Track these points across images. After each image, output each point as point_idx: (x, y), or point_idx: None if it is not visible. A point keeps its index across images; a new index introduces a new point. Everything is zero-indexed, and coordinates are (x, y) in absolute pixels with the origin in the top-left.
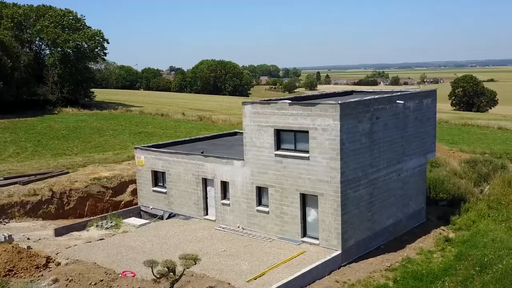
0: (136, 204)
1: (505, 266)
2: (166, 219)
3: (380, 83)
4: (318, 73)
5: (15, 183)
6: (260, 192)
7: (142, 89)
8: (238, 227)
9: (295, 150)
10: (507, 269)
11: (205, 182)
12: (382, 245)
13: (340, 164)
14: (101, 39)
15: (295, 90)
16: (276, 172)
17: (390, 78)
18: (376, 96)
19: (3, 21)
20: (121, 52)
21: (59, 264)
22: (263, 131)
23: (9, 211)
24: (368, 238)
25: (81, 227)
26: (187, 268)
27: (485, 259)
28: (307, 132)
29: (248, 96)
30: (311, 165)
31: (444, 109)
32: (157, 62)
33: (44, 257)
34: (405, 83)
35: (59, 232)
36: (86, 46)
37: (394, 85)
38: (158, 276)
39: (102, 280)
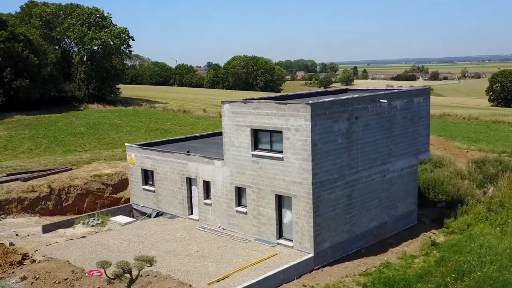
0: None
1: (484, 274)
2: (154, 217)
3: (419, 78)
4: (355, 67)
5: (17, 179)
6: (240, 192)
7: (176, 85)
8: (219, 227)
9: (271, 150)
10: (484, 277)
11: (190, 181)
12: (363, 249)
13: (311, 165)
14: (126, 37)
15: (331, 85)
16: (253, 173)
17: (430, 73)
18: (355, 96)
19: (32, 20)
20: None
21: (34, 261)
22: (241, 130)
23: (7, 207)
24: (346, 241)
25: (69, 224)
26: (140, 269)
27: (465, 266)
28: (281, 132)
29: (279, 92)
30: (285, 166)
31: (481, 105)
32: (196, 58)
33: (21, 254)
34: (445, 78)
35: (46, 229)
36: (112, 43)
37: (433, 80)
38: (112, 277)
39: (66, 279)
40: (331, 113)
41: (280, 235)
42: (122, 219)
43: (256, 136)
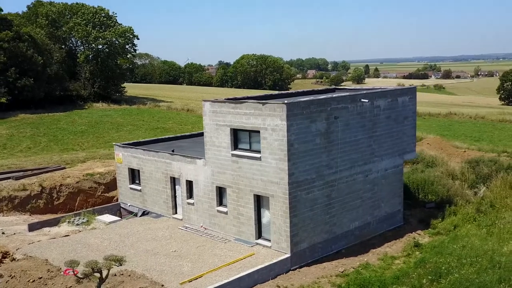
0: None
1: (461, 275)
2: (140, 216)
3: (431, 76)
4: (367, 66)
5: (9, 178)
6: (221, 192)
7: (185, 84)
8: (201, 226)
9: (249, 150)
10: (461, 280)
11: (174, 180)
12: (344, 249)
13: (287, 165)
14: (131, 36)
15: (342, 84)
16: (232, 172)
17: (442, 71)
18: (334, 95)
19: (39, 19)
20: (172, 47)
21: (13, 259)
22: (221, 130)
23: None
24: (326, 242)
25: (56, 222)
26: (109, 269)
27: (443, 267)
28: (259, 132)
29: (288, 91)
30: (263, 166)
31: (492, 103)
32: (208, 57)
33: (1, 252)
34: (457, 77)
35: (32, 227)
36: (117, 43)
37: (446, 79)
38: (81, 277)
39: (41, 278)
40: (308, 113)
41: (259, 235)
42: (107, 218)
43: (236, 135)
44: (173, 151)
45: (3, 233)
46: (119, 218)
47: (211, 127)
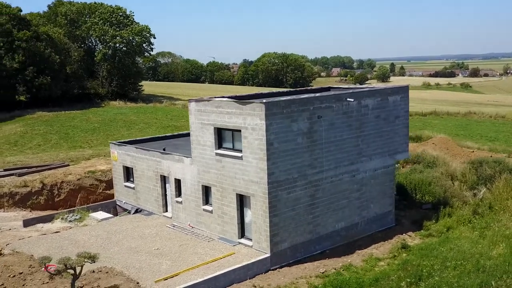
0: None
1: (442, 279)
2: (133, 213)
3: (458, 75)
4: (392, 64)
5: (12, 174)
6: (207, 191)
7: (207, 83)
8: (189, 225)
9: (232, 149)
10: (441, 283)
11: (164, 179)
12: (328, 250)
13: (267, 164)
14: (148, 34)
15: (367, 82)
16: (216, 171)
17: (470, 69)
18: (317, 95)
19: (58, 18)
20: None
21: (1, 254)
22: (205, 129)
23: None
24: (309, 242)
25: (50, 218)
26: (81, 266)
27: (424, 270)
28: (240, 131)
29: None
30: (244, 165)
31: None
32: (233, 55)
33: None
34: (485, 75)
35: (27, 223)
36: (134, 42)
37: (473, 77)
38: (53, 273)
39: (21, 273)
40: (289, 112)
41: (242, 234)
42: (100, 215)
43: (220, 134)
44: (164, 149)
45: None
46: (111, 216)
47: (197, 126)
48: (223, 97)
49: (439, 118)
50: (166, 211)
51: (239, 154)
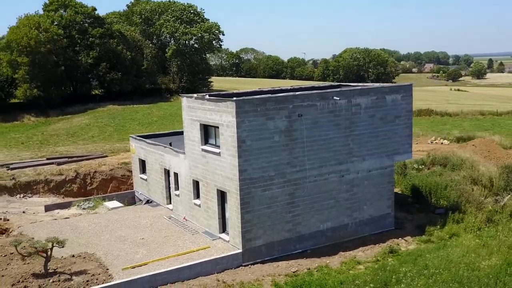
0: None
1: (408, 286)
2: (144, 204)
3: None
4: (490, 60)
5: (53, 163)
6: (197, 185)
7: (287, 79)
8: (184, 218)
9: (214, 145)
10: None
11: (168, 172)
12: (310, 250)
13: (238, 162)
14: (217, 31)
15: (460, 79)
16: (202, 167)
17: None
18: (297, 93)
19: (133, 17)
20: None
21: (8, 236)
22: (194, 125)
23: (35, 187)
24: (288, 241)
25: (69, 205)
26: (47, 249)
27: (394, 277)
28: (219, 128)
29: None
30: (222, 162)
31: None
32: (322, 51)
33: (2, 229)
34: None
35: (48, 208)
36: (204, 39)
37: None
38: (25, 255)
39: (12, 253)
40: (264, 110)
41: (223, 229)
42: (111, 204)
43: (205, 131)
44: (170, 144)
45: (23, 212)
46: (122, 205)
47: (188, 121)
48: (215, 94)
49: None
50: (170, 203)
51: (218, 150)
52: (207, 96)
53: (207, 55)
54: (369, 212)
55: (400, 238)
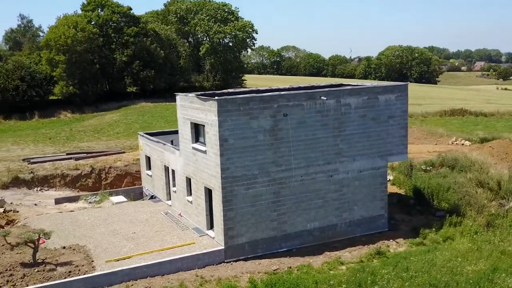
0: None
1: None
2: (149, 199)
3: None
4: None
5: (71, 158)
6: (190, 182)
7: (328, 76)
8: (179, 214)
9: (203, 143)
10: None
11: (168, 169)
12: (295, 249)
13: (220, 160)
14: (250, 30)
15: (510, 77)
16: (193, 164)
17: None
18: (282, 93)
19: (169, 16)
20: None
21: (12, 226)
22: (186, 123)
23: (51, 181)
24: (273, 239)
25: (77, 199)
26: (33, 240)
27: (369, 278)
28: (205, 126)
29: (436, 84)
30: (207, 160)
31: None
32: (368, 49)
33: (8, 220)
34: None
35: (58, 201)
36: (237, 37)
37: None
38: (13, 245)
39: (9, 243)
40: (247, 109)
41: (211, 226)
42: (116, 199)
43: (196, 129)
44: (171, 142)
45: (35, 204)
46: (126, 200)
47: (181, 120)
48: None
49: None
50: (169, 199)
51: (204, 148)
52: (193, 94)
53: (244, 52)
54: (360, 212)
55: (391, 240)
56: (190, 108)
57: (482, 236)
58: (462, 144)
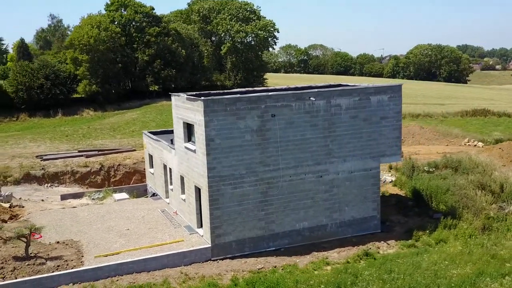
0: None
1: None
2: (150, 197)
3: None
4: None
5: (82, 155)
6: (183, 181)
7: (356, 75)
8: (175, 212)
9: (194, 143)
10: None
11: (166, 167)
12: (283, 248)
13: (207, 159)
14: (272, 29)
15: None
16: (185, 163)
17: None
18: (270, 93)
19: (192, 15)
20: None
21: (15, 220)
22: (179, 123)
23: (62, 177)
24: (260, 238)
25: (82, 195)
26: (23, 235)
27: (349, 280)
28: (194, 126)
29: (466, 83)
30: (196, 159)
31: None
32: (398, 48)
33: (11, 214)
34: None
35: (63, 197)
36: (259, 36)
37: None
38: (6, 239)
39: (8, 237)
40: (234, 109)
41: (200, 224)
42: (119, 196)
43: (188, 129)
44: (171, 141)
45: (42, 200)
46: (127, 197)
47: (175, 119)
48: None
49: None
50: (168, 197)
51: (194, 148)
52: (184, 94)
53: (271, 50)
54: (351, 213)
55: (382, 242)
56: (182, 108)
57: (476, 240)
58: (475, 145)
